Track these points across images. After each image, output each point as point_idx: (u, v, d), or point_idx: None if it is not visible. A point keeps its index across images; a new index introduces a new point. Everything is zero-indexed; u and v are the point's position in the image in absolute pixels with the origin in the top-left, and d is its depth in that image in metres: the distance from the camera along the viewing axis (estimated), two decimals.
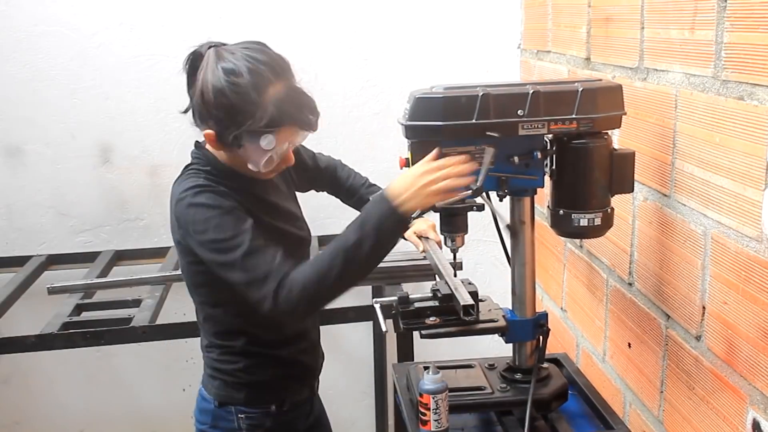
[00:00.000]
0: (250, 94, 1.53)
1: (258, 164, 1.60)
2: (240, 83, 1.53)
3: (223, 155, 1.66)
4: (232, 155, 1.64)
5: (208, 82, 1.55)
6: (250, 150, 1.58)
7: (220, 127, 1.57)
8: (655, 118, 1.74)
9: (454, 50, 2.85)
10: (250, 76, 1.54)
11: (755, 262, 1.38)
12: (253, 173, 1.65)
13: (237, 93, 1.53)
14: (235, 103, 1.53)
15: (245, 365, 1.76)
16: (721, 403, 1.52)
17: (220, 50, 1.58)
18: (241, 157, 1.61)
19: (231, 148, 1.60)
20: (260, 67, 1.55)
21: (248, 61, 1.55)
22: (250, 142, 1.57)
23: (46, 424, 3.03)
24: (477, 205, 1.65)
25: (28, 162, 2.79)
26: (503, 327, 1.70)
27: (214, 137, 1.59)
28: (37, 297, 2.54)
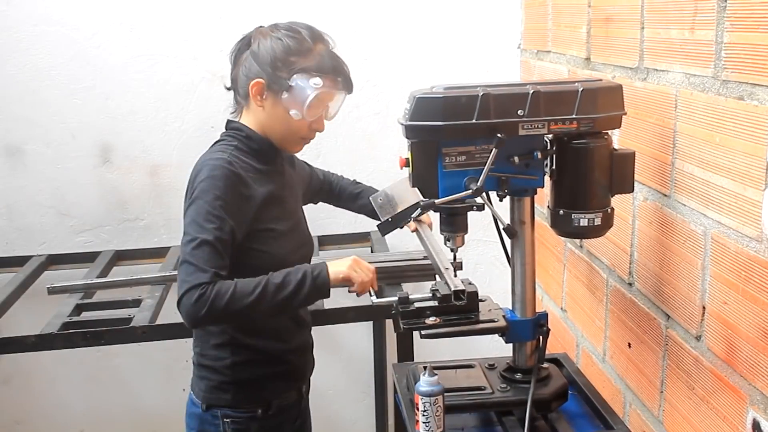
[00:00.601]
0: (305, 42, 1.73)
1: (302, 109, 1.71)
2: (296, 34, 1.73)
3: (260, 118, 1.76)
4: (271, 111, 1.74)
5: (267, 39, 1.73)
6: (296, 93, 1.71)
7: (271, 71, 1.70)
8: (655, 118, 1.74)
9: (454, 50, 2.85)
10: (307, 30, 1.75)
11: (755, 262, 1.38)
12: (286, 137, 1.78)
13: (293, 39, 1.72)
14: (291, 47, 1.71)
15: (232, 362, 1.78)
16: (721, 403, 1.52)
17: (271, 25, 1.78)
18: (284, 110, 1.72)
19: (277, 96, 1.71)
20: (313, 28, 1.78)
21: (301, 23, 1.78)
22: (298, 83, 1.70)
23: (46, 424, 3.03)
24: (477, 205, 1.65)
25: (28, 162, 2.79)
26: (503, 327, 1.70)
27: (263, 85, 1.71)
28: (37, 297, 2.54)
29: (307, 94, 1.70)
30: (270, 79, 1.71)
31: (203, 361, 1.82)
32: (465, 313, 1.70)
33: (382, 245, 2.77)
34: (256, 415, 1.80)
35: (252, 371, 1.80)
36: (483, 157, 1.59)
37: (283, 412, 1.86)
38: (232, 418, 1.80)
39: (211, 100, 2.76)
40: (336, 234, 2.89)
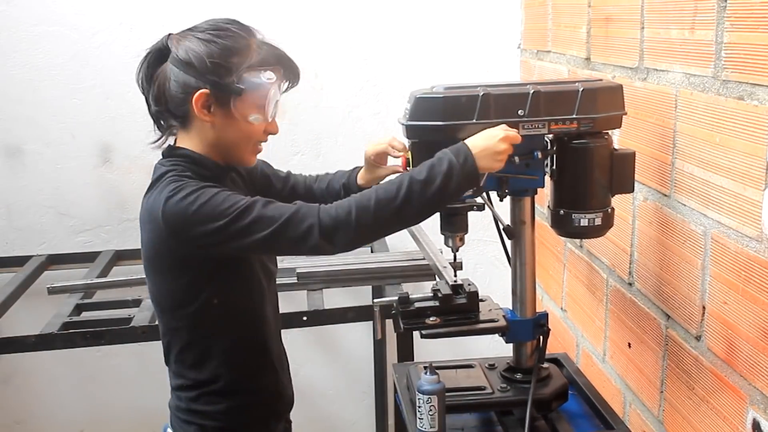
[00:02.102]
0: (240, 37, 1.53)
1: (264, 109, 1.52)
2: (227, 30, 1.53)
3: (208, 135, 1.54)
4: (222, 124, 1.52)
5: (191, 44, 1.50)
6: (250, 95, 1.50)
7: (215, 78, 1.48)
8: (655, 118, 1.74)
9: (454, 50, 2.85)
10: (233, 25, 1.55)
11: (755, 262, 1.38)
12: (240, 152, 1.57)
13: (228, 36, 1.52)
14: (229, 45, 1.50)
15: (228, 407, 1.62)
16: (721, 403, 1.52)
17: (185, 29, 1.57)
18: (237, 120, 1.51)
19: (227, 105, 1.50)
20: (236, 21, 1.57)
21: (223, 18, 1.58)
22: (250, 83, 1.50)
23: (46, 424, 3.03)
24: (477, 205, 1.65)
25: (28, 162, 2.79)
26: (503, 327, 1.70)
27: (207, 95, 1.49)
28: (37, 297, 2.54)
29: (265, 90, 1.51)
30: (216, 87, 1.48)
31: (193, 407, 1.64)
32: (465, 313, 1.70)
33: (382, 245, 2.77)
34: None
35: (248, 414, 1.65)
36: None
37: None
38: None
39: None
40: None
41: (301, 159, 2.84)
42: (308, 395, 3.06)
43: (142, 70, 1.56)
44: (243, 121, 1.53)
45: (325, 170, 2.17)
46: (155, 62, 1.54)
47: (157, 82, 1.53)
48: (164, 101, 1.53)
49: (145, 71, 1.56)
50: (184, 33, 1.55)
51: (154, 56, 1.55)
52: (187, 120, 1.54)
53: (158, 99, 1.54)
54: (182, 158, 1.55)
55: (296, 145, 2.85)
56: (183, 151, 1.56)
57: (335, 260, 2.57)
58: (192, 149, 1.56)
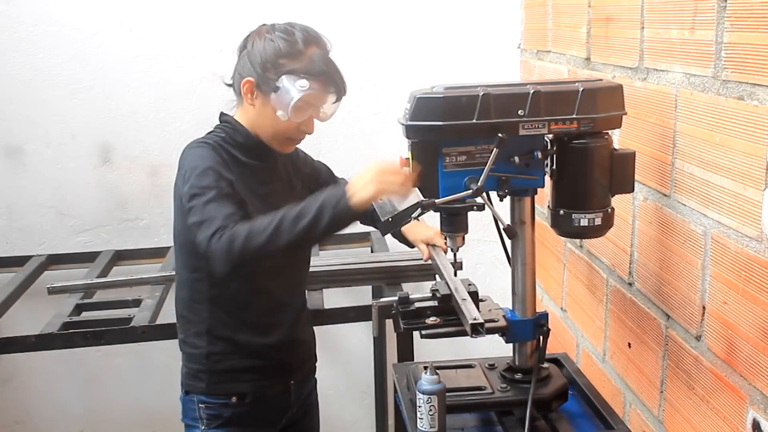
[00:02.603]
0: (297, 44, 1.73)
1: (287, 108, 1.71)
2: (290, 36, 1.73)
3: (250, 115, 1.77)
4: (261, 110, 1.75)
5: (261, 39, 1.74)
6: (283, 94, 1.70)
7: (260, 71, 1.72)
8: (655, 118, 1.74)
9: (454, 50, 2.85)
10: (302, 32, 1.75)
11: (755, 262, 1.38)
12: (273, 136, 1.78)
13: (285, 41, 1.73)
14: (282, 47, 1.72)
15: (207, 351, 1.82)
16: (721, 403, 1.52)
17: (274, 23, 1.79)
18: (272, 110, 1.72)
19: (266, 95, 1.72)
20: (311, 30, 1.78)
21: (299, 24, 1.78)
22: (285, 85, 1.70)
23: (46, 424, 3.03)
24: (477, 205, 1.65)
25: (28, 162, 2.79)
26: (503, 327, 1.70)
27: (252, 84, 1.73)
28: (37, 297, 2.54)
29: (292, 96, 1.70)
30: (259, 79, 1.73)
31: (184, 348, 1.88)
32: None
33: (382, 245, 2.77)
34: (229, 402, 1.84)
35: (226, 363, 1.83)
36: (483, 157, 1.59)
37: (263, 402, 1.87)
38: (206, 404, 1.84)
39: (211, 100, 2.74)
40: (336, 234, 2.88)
41: None
42: None
43: (238, 50, 1.80)
44: (273, 114, 1.74)
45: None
46: (242, 46, 1.79)
47: (237, 62, 1.79)
48: (233, 78, 1.80)
49: (238, 52, 1.80)
50: (266, 28, 1.78)
51: (244, 40, 1.79)
52: (241, 98, 1.79)
53: (233, 76, 1.80)
54: (225, 123, 1.81)
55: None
56: (228, 117, 1.82)
57: (335, 260, 2.57)
58: (238, 120, 1.80)
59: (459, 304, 1.67)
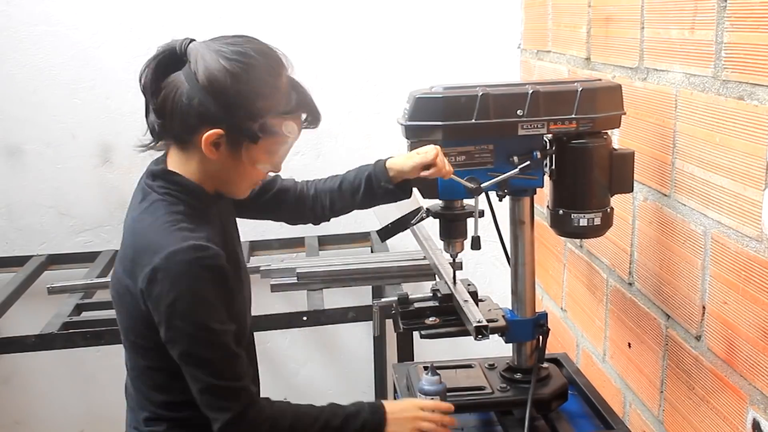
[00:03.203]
0: (269, 77, 1.36)
1: (276, 161, 1.43)
2: (255, 65, 1.34)
3: (207, 167, 1.40)
4: (224, 163, 1.39)
5: (214, 70, 1.32)
6: (266, 144, 1.38)
7: (234, 121, 1.34)
8: (655, 118, 1.74)
9: (454, 50, 2.85)
10: (263, 57, 1.37)
11: (755, 262, 1.38)
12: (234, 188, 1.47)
13: (255, 76, 1.34)
14: (256, 87, 1.34)
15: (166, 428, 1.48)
16: (721, 403, 1.52)
17: (207, 41, 1.37)
18: (243, 162, 1.39)
19: (238, 148, 1.37)
20: (267, 50, 1.39)
21: (252, 44, 1.38)
22: (269, 132, 1.37)
23: (46, 424, 3.02)
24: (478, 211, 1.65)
25: (28, 162, 2.79)
26: (503, 327, 1.70)
27: (221, 137, 1.35)
28: (37, 297, 2.54)
29: (282, 143, 1.41)
30: (232, 129, 1.34)
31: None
32: None
33: (382, 245, 2.77)
34: None
35: None
36: (483, 157, 1.59)
37: None
38: None
39: None
40: (336, 234, 2.89)
41: (301, 159, 2.83)
42: (308, 395, 3.06)
43: (150, 72, 1.38)
44: (249, 165, 1.41)
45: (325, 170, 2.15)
46: (166, 67, 1.37)
47: (164, 92, 1.36)
48: (169, 117, 1.37)
49: (152, 74, 1.38)
50: (207, 46, 1.36)
51: (167, 59, 1.37)
52: (189, 145, 1.39)
53: (161, 111, 1.37)
54: (176, 186, 1.42)
55: (296, 145, 2.80)
56: (178, 178, 1.42)
57: (335, 260, 2.57)
58: (186, 176, 1.42)
59: (461, 306, 1.67)
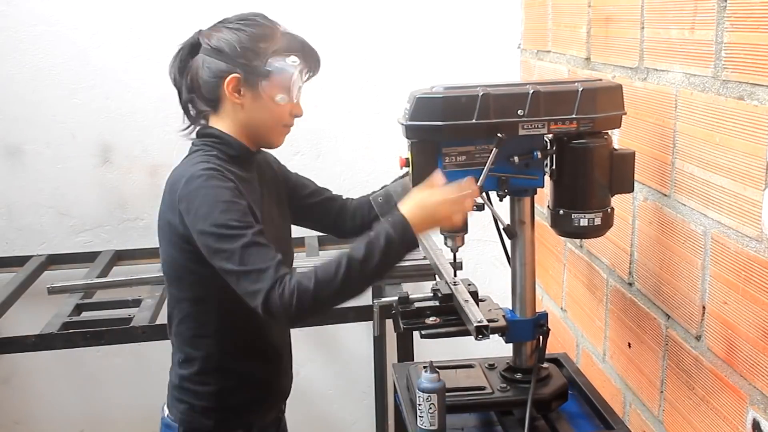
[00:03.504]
0: (266, 26, 1.64)
1: (288, 90, 1.62)
2: (254, 20, 1.64)
3: (239, 117, 1.64)
4: (251, 105, 1.62)
5: (221, 35, 1.62)
6: (277, 78, 1.61)
7: (244, 62, 1.60)
8: (655, 118, 1.74)
9: (454, 50, 2.85)
10: (259, 17, 1.66)
11: (755, 262, 1.38)
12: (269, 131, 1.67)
13: (255, 26, 1.63)
14: (256, 32, 1.62)
15: (218, 388, 1.69)
16: (721, 403, 1.52)
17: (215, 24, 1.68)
18: (266, 101, 1.61)
19: (256, 87, 1.60)
20: (263, 14, 1.68)
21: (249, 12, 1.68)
22: (276, 67, 1.60)
23: (46, 424, 3.03)
24: (477, 205, 1.65)
25: (28, 162, 2.79)
26: (503, 327, 1.70)
27: (239, 79, 1.60)
28: (37, 297, 2.54)
29: (290, 73, 1.61)
30: (245, 70, 1.60)
31: (186, 385, 1.71)
32: None
33: None
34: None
35: (236, 398, 1.71)
36: (483, 157, 1.59)
37: (263, 431, 1.80)
38: None
39: None
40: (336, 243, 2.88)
41: (301, 159, 2.84)
42: (308, 395, 3.06)
43: (176, 64, 1.68)
44: (270, 101, 1.62)
45: (325, 170, 2.15)
46: (187, 56, 1.66)
47: (189, 73, 1.65)
48: (197, 88, 1.64)
49: (178, 64, 1.67)
50: (214, 26, 1.67)
51: (187, 50, 1.67)
52: (219, 103, 1.64)
53: (191, 87, 1.65)
54: (212, 138, 1.65)
55: (296, 145, 2.85)
56: (213, 130, 1.66)
57: None
58: (223, 130, 1.65)
59: (462, 306, 1.66)
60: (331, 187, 2.13)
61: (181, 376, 1.72)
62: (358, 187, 2.89)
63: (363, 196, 1.94)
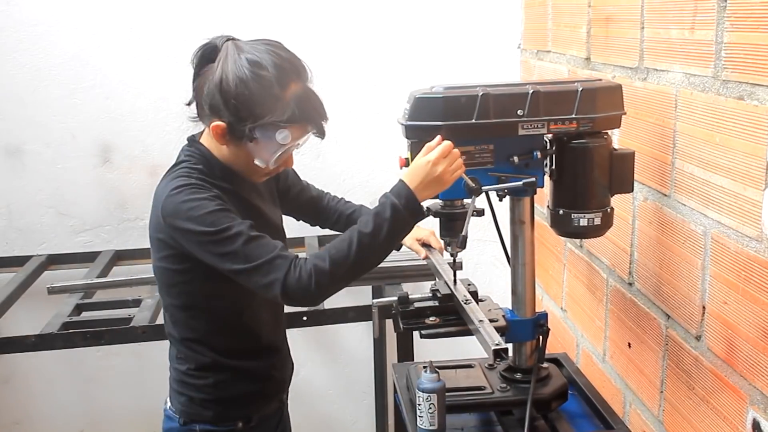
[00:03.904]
0: (274, 87, 1.54)
1: (268, 160, 1.59)
2: (264, 75, 1.53)
3: (223, 151, 1.63)
4: (234, 151, 1.61)
5: (229, 72, 1.53)
6: (262, 144, 1.57)
7: (235, 119, 1.55)
8: (655, 118, 1.74)
9: (454, 50, 2.85)
10: (275, 69, 1.54)
11: (755, 262, 1.38)
12: (248, 172, 1.65)
13: (260, 85, 1.53)
14: (258, 94, 1.53)
15: (215, 381, 1.72)
16: (721, 403, 1.52)
17: (239, 43, 1.58)
18: (248, 153, 1.59)
19: (240, 142, 1.58)
20: (284, 63, 1.56)
21: (272, 55, 1.56)
22: (264, 136, 1.56)
23: (46, 424, 3.03)
24: (476, 210, 1.65)
25: (28, 162, 2.79)
26: (503, 327, 1.70)
27: (224, 129, 1.57)
28: (37, 297, 2.54)
29: (273, 149, 1.58)
30: (233, 125, 1.55)
31: (184, 378, 1.74)
32: None
33: None
34: (236, 428, 1.75)
35: (234, 389, 1.73)
36: (483, 157, 1.59)
37: (264, 422, 1.82)
38: None
39: None
40: (336, 234, 2.88)
41: (301, 159, 2.81)
42: (308, 395, 3.06)
43: (196, 59, 1.61)
44: (250, 158, 1.60)
45: (324, 170, 2.16)
46: (206, 57, 1.60)
47: (200, 78, 1.60)
48: (198, 101, 1.62)
49: (197, 61, 1.61)
50: (236, 48, 1.56)
51: (209, 51, 1.60)
52: (208, 125, 1.62)
53: (196, 92, 1.62)
54: (199, 154, 1.64)
55: None
56: (202, 148, 1.65)
57: None
58: (210, 149, 1.65)
59: (464, 308, 1.66)
60: (331, 187, 2.14)
61: (179, 371, 1.75)
62: (358, 187, 2.91)
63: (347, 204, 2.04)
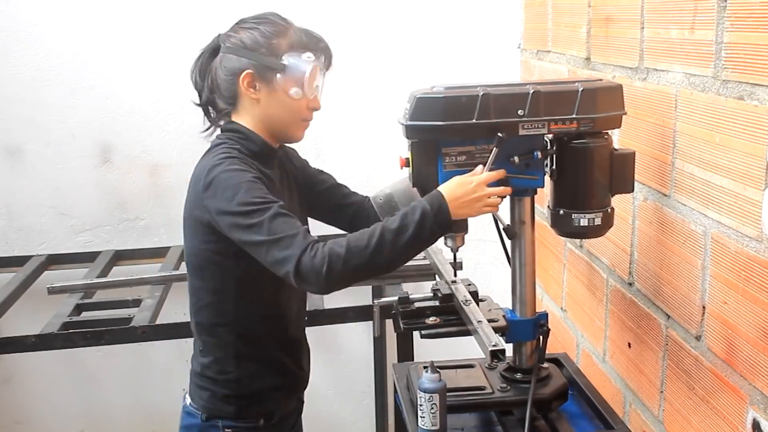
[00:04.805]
0: (279, 23, 1.68)
1: (303, 84, 1.64)
2: (267, 18, 1.69)
3: (257, 111, 1.68)
4: (268, 98, 1.66)
5: (239, 33, 1.67)
6: (291, 71, 1.64)
7: (258, 59, 1.64)
8: (655, 118, 1.74)
9: (454, 50, 2.85)
10: (273, 16, 1.70)
11: (755, 262, 1.38)
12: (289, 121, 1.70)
13: (268, 23, 1.67)
14: (270, 30, 1.65)
15: (238, 375, 1.73)
16: (721, 403, 1.52)
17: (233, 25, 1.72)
18: (283, 92, 1.65)
19: (272, 80, 1.64)
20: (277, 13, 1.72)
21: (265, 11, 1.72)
22: (292, 61, 1.64)
23: (46, 424, 3.03)
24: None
25: (28, 162, 2.79)
26: (503, 327, 1.70)
27: (252, 75, 1.64)
28: (37, 297, 2.54)
29: (303, 69, 1.64)
30: (259, 66, 1.64)
31: (207, 373, 1.75)
32: None
33: None
34: (258, 425, 1.76)
35: (256, 385, 1.75)
36: (483, 157, 1.59)
37: (283, 420, 1.84)
38: (233, 428, 1.75)
39: None
40: (336, 234, 2.88)
41: None
42: (308, 395, 3.05)
43: (197, 68, 1.72)
44: (285, 96, 1.66)
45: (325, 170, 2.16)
46: (208, 60, 1.71)
47: (209, 75, 1.70)
48: (217, 87, 1.69)
49: (199, 68, 1.71)
50: (231, 28, 1.71)
51: (208, 54, 1.71)
52: (237, 100, 1.69)
53: (211, 88, 1.70)
54: (234, 132, 1.69)
55: (296, 145, 2.84)
56: (236, 125, 1.70)
57: None
58: (246, 125, 1.70)
59: (463, 308, 1.67)
60: None
61: (202, 364, 1.76)
62: (358, 187, 2.88)
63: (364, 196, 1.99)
